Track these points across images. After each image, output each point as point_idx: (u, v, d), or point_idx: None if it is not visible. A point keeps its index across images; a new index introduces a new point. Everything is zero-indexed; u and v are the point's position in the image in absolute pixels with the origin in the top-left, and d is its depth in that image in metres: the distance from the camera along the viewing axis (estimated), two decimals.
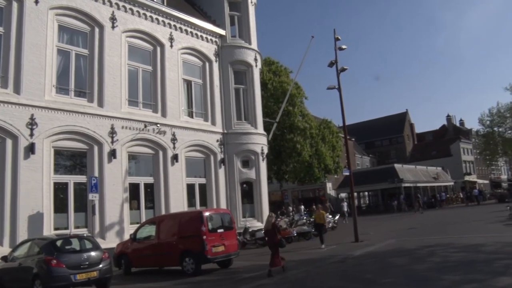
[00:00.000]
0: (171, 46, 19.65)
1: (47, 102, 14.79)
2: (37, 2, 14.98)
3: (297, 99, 35.07)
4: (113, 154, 16.41)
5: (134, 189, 17.43)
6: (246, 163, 21.77)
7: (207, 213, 13.51)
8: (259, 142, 22.26)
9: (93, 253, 10.99)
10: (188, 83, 20.67)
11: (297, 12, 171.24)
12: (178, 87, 19.65)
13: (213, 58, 21.63)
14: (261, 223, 21.31)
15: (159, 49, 19.25)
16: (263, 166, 22.29)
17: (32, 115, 14.33)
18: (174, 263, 13.37)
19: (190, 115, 20.52)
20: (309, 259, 14.41)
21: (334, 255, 14.73)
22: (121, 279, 13.52)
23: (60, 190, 15.20)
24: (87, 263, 10.65)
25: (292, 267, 12.69)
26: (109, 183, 16.11)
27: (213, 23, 22.09)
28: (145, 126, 17.77)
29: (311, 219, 23.54)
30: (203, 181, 20.46)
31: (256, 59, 22.92)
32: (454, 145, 70.22)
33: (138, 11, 18.43)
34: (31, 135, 14.22)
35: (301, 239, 21.22)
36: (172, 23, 19.88)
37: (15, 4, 14.59)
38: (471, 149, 72.02)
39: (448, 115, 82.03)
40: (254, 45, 23.13)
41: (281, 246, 12.07)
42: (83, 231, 14.88)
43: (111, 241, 15.49)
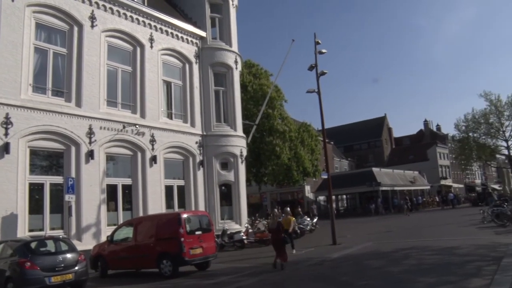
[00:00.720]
0: (151, 47, 19.53)
1: (23, 101, 14.51)
2: None
3: (276, 102, 35.24)
4: (90, 155, 16.20)
5: (111, 190, 17.22)
6: (225, 165, 21.77)
7: (185, 215, 13.47)
8: (238, 144, 22.30)
9: (68, 255, 10.85)
10: (168, 84, 20.57)
11: (278, 16, 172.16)
12: (157, 88, 19.54)
13: (193, 59, 21.58)
14: (240, 226, 21.37)
15: (139, 49, 19.11)
16: (242, 168, 22.32)
17: (7, 114, 14.04)
18: (152, 266, 13.26)
19: (170, 116, 20.42)
20: (292, 260, 14.49)
21: (311, 257, 14.85)
22: (97, 281, 13.37)
23: (35, 191, 14.93)
24: (62, 265, 10.50)
25: (269, 270, 12.75)
26: (86, 184, 15.90)
27: (194, 24, 22.04)
28: (123, 127, 17.61)
29: None
30: (181, 183, 20.37)
31: (236, 62, 22.96)
32: (431, 149, 71.64)
33: (118, 11, 18.26)
34: (6, 134, 13.93)
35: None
36: (153, 23, 19.77)
37: None
38: (447, 154, 73.55)
39: (425, 120, 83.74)
40: (235, 47, 23.17)
41: (285, 243, 13.54)
42: (59, 233, 14.65)
43: (87, 243, 15.27)
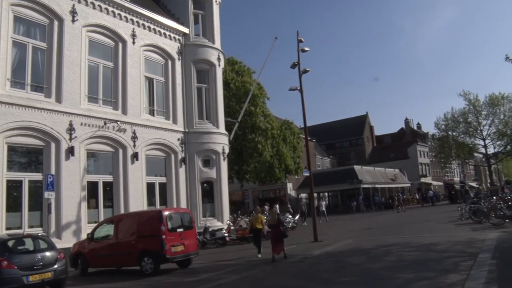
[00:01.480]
0: (133, 43, 19.35)
1: (0, 96, 14.19)
2: None
3: (259, 99, 35.28)
4: (71, 151, 15.98)
5: (92, 187, 17.02)
6: (207, 163, 21.73)
7: (166, 212, 13.43)
8: (221, 141, 22.28)
9: (47, 253, 10.69)
10: (150, 81, 20.41)
11: (261, 13, 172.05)
12: (139, 85, 19.37)
13: (176, 56, 21.45)
14: (221, 223, 21.37)
15: (121, 45, 18.91)
16: (224, 165, 22.31)
17: None
18: (133, 263, 13.20)
19: (151, 113, 20.28)
20: (268, 258, 14.52)
21: (293, 254, 14.92)
22: (77, 279, 13.24)
23: (13, 188, 14.65)
24: (41, 263, 10.34)
25: (251, 267, 12.83)
26: (66, 181, 15.69)
27: (177, 21, 21.91)
28: (105, 124, 17.43)
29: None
30: (163, 180, 20.27)
31: (219, 59, 22.91)
32: (411, 148, 72.62)
33: (99, 6, 18.01)
34: None
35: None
36: (135, 19, 19.57)
37: None
38: (427, 152, 74.67)
39: (406, 119, 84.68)
40: (218, 44, 23.11)
41: (284, 237, 14.32)
42: (38, 231, 14.39)
43: (67, 241, 15.08)
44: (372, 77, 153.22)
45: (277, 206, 28.49)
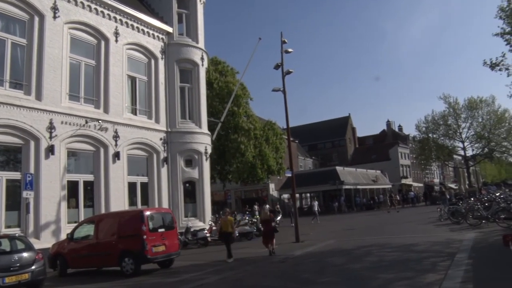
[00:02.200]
0: (116, 41, 19.16)
1: None
2: None
3: (242, 99, 35.29)
4: (51, 150, 15.74)
5: (72, 186, 16.78)
6: (189, 163, 21.65)
7: (148, 212, 13.33)
8: (203, 141, 22.22)
9: (25, 254, 10.50)
10: (133, 80, 20.24)
11: (245, 14, 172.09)
12: (122, 83, 19.19)
13: (159, 55, 21.32)
14: (203, 223, 21.32)
15: (103, 43, 18.70)
16: (206, 165, 22.26)
17: None
18: (113, 264, 13.05)
19: (134, 112, 20.11)
20: (250, 258, 14.60)
21: (274, 255, 14.98)
22: (56, 281, 13.04)
23: None
24: (17, 265, 10.14)
25: (232, 267, 12.83)
26: (45, 180, 15.43)
27: (161, 19, 21.77)
28: (86, 122, 17.22)
29: (253, 220, 23.83)
30: (145, 179, 20.12)
31: (202, 58, 22.84)
32: (393, 149, 73.52)
33: (82, 2, 17.79)
34: None
35: (243, 239, 21.40)
36: (118, 17, 19.38)
37: None
38: (408, 154, 75.69)
39: (388, 121, 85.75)
40: (201, 44, 23.04)
41: (275, 232, 15.53)
42: (15, 231, 14.15)
43: (46, 241, 14.84)
44: (354, 79, 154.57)
45: (267, 206, 28.60)
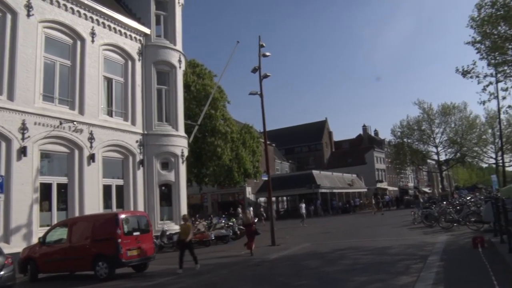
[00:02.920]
0: (93, 41, 18.88)
1: None
2: None
3: (219, 102, 35.25)
4: (23, 151, 15.35)
5: (45, 189, 16.41)
6: (165, 165, 21.48)
7: (122, 216, 13.17)
8: (180, 144, 22.09)
9: None
10: (109, 81, 19.98)
11: (224, 17, 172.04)
12: (98, 84, 18.91)
13: (136, 56, 21.12)
14: (179, 226, 21.12)
15: (79, 43, 18.39)
16: (182, 168, 22.13)
17: None
18: (87, 268, 12.83)
19: (110, 114, 19.83)
20: (225, 262, 14.58)
21: (250, 258, 15.02)
22: (26, 286, 12.80)
23: None
24: None
25: (207, 271, 12.78)
26: (17, 183, 15.02)
27: (138, 20, 21.58)
28: (60, 123, 16.88)
29: (230, 223, 23.80)
30: (120, 182, 19.86)
31: (180, 61, 22.74)
32: (369, 154, 74.61)
33: (57, 1, 17.44)
34: None
35: (219, 242, 21.37)
36: (95, 17, 19.11)
37: None
38: (383, 158, 76.94)
39: (364, 125, 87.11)
40: (179, 46, 22.93)
41: (256, 234, 16.66)
42: None
43: (16, 246, 14.43)
44: (331, 83, 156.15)
45: (251, 209, 28.83)
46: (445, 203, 26.22)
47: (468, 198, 27.45)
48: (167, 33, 22.74)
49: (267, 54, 20.74)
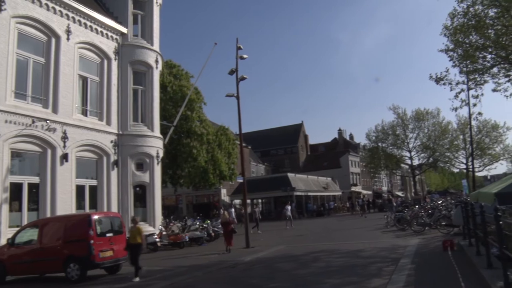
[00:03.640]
0: (68, 39, 18.53)
1: None
2: None
3: (196, 104, 35.03)
4: None
5: (16, 189, 16.00)
6: (140, 166, 21.25)
7: (95, 216, 12.98)
8: (155, 145, 21.90)
9: None
10: (84, 80, 19.64)
11: (202, 19, 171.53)
12: (72, 83, 18.56)
13: (112, 55, 20.84)
14: (153, 228, 20.96)
15: (54, 40, 18.02)
16: (157, 169, 21.94)
17: None
18: (58, 269, 12.57)
19: (84, 113, 19.50)
20: (199, 264, 14.53)
21: (224, 261, 15.00)
22: None
23: None
24: None
25: (181, 273, 12.71)
26: None
27: (115, 19, 21.31)
28: (33, 122, 16.49)
29: (204, 225, 23.71)
30: (94, 182, 19.54)
31: (157, 61, 22.55)
32: (344, 157, 75.47)
33: None
34: None
35: (193, 244, 21.28)
36: (70, 14, 18.76)
37: None
38: (358, 162, 77.93)
39: (340, 129, 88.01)
40: (156, 46, 22.75)
41: (233, 233, 18.41)
42: None
43: None
44: (308, 87, 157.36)
45: (233, 210, 28.93)
46: (417, 207, 26.70)
47: (440, 202, 28.04)
48: (144, 32, 22.53)
49: (245, 56, 20.79)
